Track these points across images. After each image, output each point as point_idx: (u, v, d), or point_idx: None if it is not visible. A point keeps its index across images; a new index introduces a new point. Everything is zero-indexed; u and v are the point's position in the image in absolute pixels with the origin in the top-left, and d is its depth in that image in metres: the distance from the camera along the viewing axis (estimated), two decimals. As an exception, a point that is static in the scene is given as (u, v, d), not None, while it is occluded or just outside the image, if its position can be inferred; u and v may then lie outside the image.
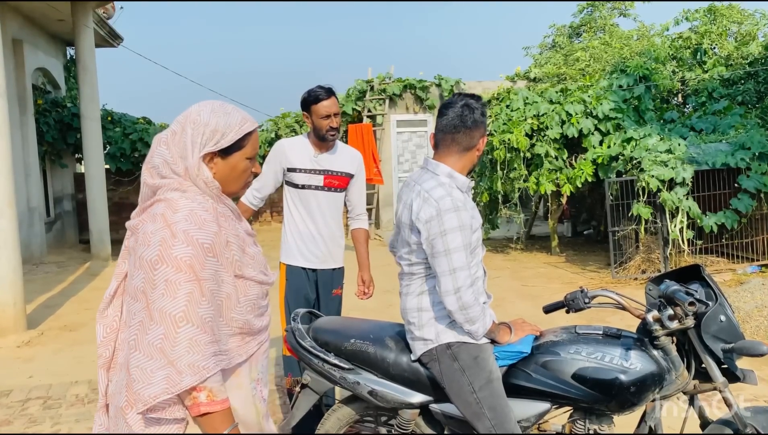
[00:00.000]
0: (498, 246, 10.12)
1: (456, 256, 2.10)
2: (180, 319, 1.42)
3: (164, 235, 1.47)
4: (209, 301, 1.48)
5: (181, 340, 1.42)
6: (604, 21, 15.83)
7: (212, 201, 1.59)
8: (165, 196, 1.55)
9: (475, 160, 2.31)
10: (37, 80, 11.03)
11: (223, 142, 1.58)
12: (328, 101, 3.13)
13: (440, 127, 2.26)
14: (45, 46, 11.23)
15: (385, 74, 12.48)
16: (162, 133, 1.62)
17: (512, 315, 6.18)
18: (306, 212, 3.21)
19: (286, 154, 3.20)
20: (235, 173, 1.64)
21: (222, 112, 1.60)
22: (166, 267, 1.44)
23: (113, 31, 12.77)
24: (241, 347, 1.62)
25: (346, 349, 2.39)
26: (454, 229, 2.10)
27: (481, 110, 2.24)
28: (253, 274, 1.64)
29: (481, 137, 2.27)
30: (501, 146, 8.30)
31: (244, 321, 1.60)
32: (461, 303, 2.11)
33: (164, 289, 1.43)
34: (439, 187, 2.18)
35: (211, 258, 1.50)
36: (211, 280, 1.49)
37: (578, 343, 2.24)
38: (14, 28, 9.65)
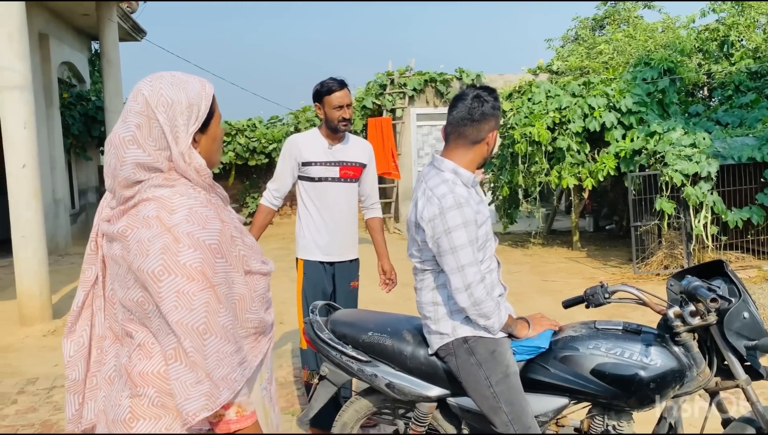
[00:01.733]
0: (518, 240, 10.06)
1: (463, 253, 2.10)
2: (203, 332, 1.29)
3: (165, 241, 1.29)
4: (226, 308, 1.34)
5: (209, 353, 1.29)
6: (628, 13, 15.60)
7: (204, 192, 1.43)
8: (152, 195, 1.36)
9: (485, 154, 2.28)
10: (63, 74, 11.20)
11: (201, 115, 1.41)
12: (341, 92, 3.15)
13: (449, 120, 2.24)
14: (70, 40, 11.39)
15: (405, 67, 12.44)
16: (120, 133, 1.37)
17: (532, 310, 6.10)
18: (323, 205, 3.23)
19: (300, 149, 3.21)
20: (216, 144, 1.50)
21: (182, 82, 1.41)
22: (174, 277, 1.28)
23: (137, 25, 12.90)
24: (255, 348, 1.50)
25: (364, 342, 2.40)
26: (458, 226, 2.09)
27: (492, 103, 2.21)
28: (258, 266, 1.51)
29: (491, 131, 2.23)
30: (522, 140, 8.23)
31: (259, 320, 1.49)
32: (473, 299, 2.11)
33: (176, 300, 1.28)
34: (443, 184, 2.16)
35: (220, 259, 1.35)
36: (223, 284, 1.35)
37: (597, 338, 2.22)
38: (41, 23, 9.79)
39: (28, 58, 5.66)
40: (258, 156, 12.32)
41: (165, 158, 1.38)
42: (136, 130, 1.35)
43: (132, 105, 1.38)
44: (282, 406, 3.81)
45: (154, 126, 1.35)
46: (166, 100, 1.36)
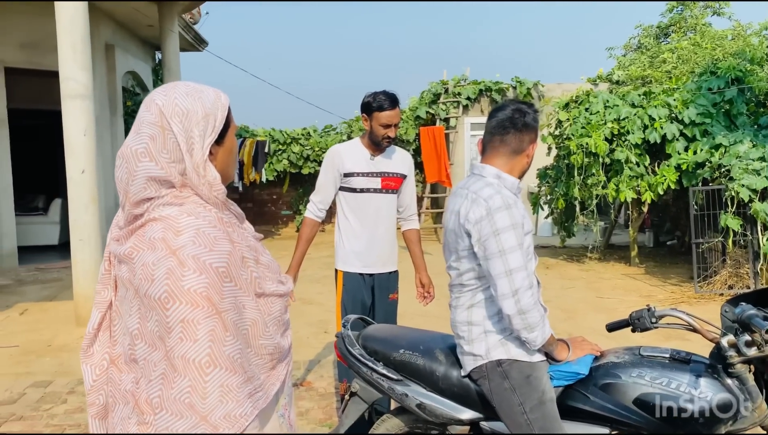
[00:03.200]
0: (574, 255, 9.76)
1: (512, 257, 2.00)
2: (206, 365, 1.21)
3: (170, 266, 1.22)
4: (234, 335, 1.26)
5: (211, 390, 1.21)
6: (696, 20, 15.02)
7: (215, 210, 1.35)
8: (159, 214, 1.30)
9: (525, 166, 2.21)
10: (127, 83, 11.61)
11: (218, 126, 1.35)
12: (391, 112, 3.08)
13: (489, 128, 2.18)
14: (135, 50, 11.81)
15: (460, 76, 12.34)
16: (132, 145, 1.31)
17: (583, 328, 5.95)
18: (363, 216, 3.19)
19: (342, 160, 3.18)
20: (232, 156, 1.44)
21: (196, 92, 1.35)
22: (179, 304, 1.21)
23: (198, 35, 13.28)
24: (272, 376, 1.41)
25: (395, 359, 2.33)
26: (507, 227, 2.00)
27: (533, 116, 2.16)
28: (273, 287, 1.43)
29: (531, 143, 2.17)
30: (578, 151, 7.99)
31: (274, 346, 1.40)
32: (520, 306, 2.00)
33: (181, 331, 1.21)
34: (488, 187, 2.10)
35: (229, 283, 1.27)
36: (231, 310, 1.26)
37: (642, 365, 2.08)
38: (107, 34, 10.19)
39: (90, 68, 5.87)
40: (311, 164, 12.43)
41: (178, 172, 1.31)
42: (149, 142, 1.29)
43: (145, 115, 1.32)
44: (320, 418, 3.78)
45: (168, 137, 1.29)
46: (181, 110, 1.31)
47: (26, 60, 8.40)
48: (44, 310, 6.65)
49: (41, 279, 8.33)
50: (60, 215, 10.65)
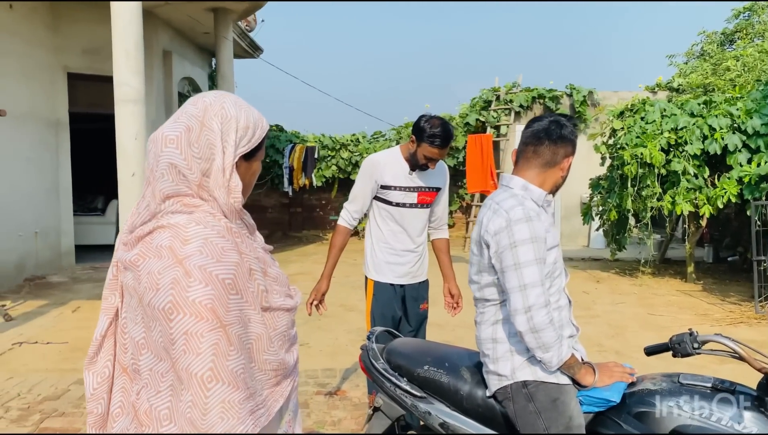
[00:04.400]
0: (627, 268, 9.42)
1: (528, 271, 1.91)
2: (209, 380, 1.18)
3: (176, 275, 1.20)
4: (238, 350, 1.23)
5: (212, 405, 1.18)
6: (764, 26, 14.32)
7: (225, 220, 1.33)
8: (167, 222, 1.28)
9: (558, 181, 2.11)
10: (184, 88, 11.92)
11: (253, 141, 1.36)
12: (440, 151, 2.96)
13: (523, 138, 2.10)
14: (192, 56, 12.12)
15: (512, 83, 12.14)
16: (165, 131, 1.31)
17: (632, 346, 5.70)
18: (399, 229, 3.16)
19: (382, 172, 3.13)
20: (253, 179, 1.43)
21: (244, 105, 1.37)
22: (183, 316, 1.18)
23: (253, 42, 13.53)
24: (276, 392, 1.37)
25: (419, 376, 2.25)
26: (525, 240, 1.92)
27: (570, 129, 2.07)
28: (280, 301, 1.40)
29: (567, 157, 2.08)
30: (632, 161, 7.70)
31: (279, 362, 1.36)
32: (532, 324, 1.91)
33: (185, 344, 1.19)
34: (511, 198, 2.02)
35: (235, 296, 1.24)
36: (237, 323, 1.24)
37: (680, 394, 1.94)
38: (165, 41, 10.49)
39: (143, 73, 6.03)
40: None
41: (200, 171, 1.29)
42: (183, 131, 1.29)
43: (189, 108, 1.33)
44: (352, 428, 3.74)
45: (204, 133, 1.29)
46: (226, 114, 1.32)
47: (87, 66, 8.72)
48: (95, 308, 6.85)
49: (95, 277, 8.60)
50: (116, 216, 11.00)
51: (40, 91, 8.48)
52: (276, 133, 12.30)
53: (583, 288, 8.06)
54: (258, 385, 1.31)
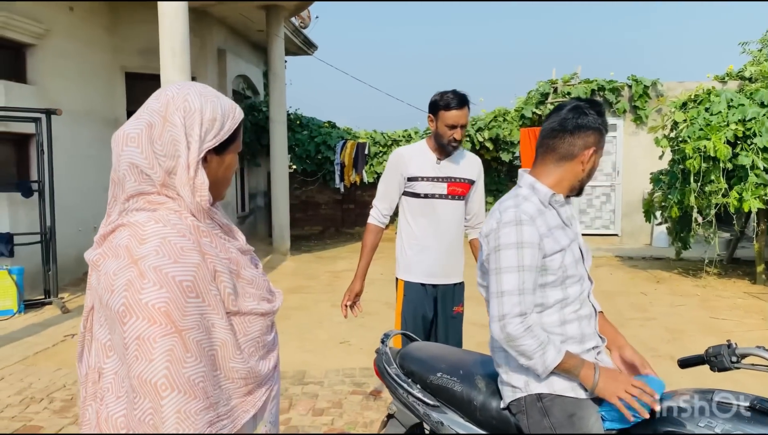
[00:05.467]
0: (690, 268, 8.93)
1: (506, 278, 1.79)
2: (163, 387, 1.11)
3: (130, 277, 1.14)
4: (197, 356, 1.15)
5: (167, 415, 1.11)
6: None
7: (192, 218, 1.25)
8: (128, 220, 1.23)
9: (580, 175, 1.92)
10: (239, 86, 12.12)
11: (222, 134, 1.28)
12: (458, 111, 2.88)
13: (540, 133, 1.93)
14: (246, 54, 12.30)
15: (570, 75, 11.71)
16: (126, 129, 1.25)
17: (689, 352, 5.26)
18: (428, 223, 3.01)
19: (406, 163, 3.01)
20: (228, 173, 1.35)
21: (212, 95, 1.29)
22: (136, 319, 1.12)
23: (307, 39, 13.62)
24: (246, 402, 1.30)
25: (432, 383, 2.13)
26: (509, 245, 1.79)
27: (592, 117, 1.87)
28: (253, 305, 1.32)
29: (587, 148, 1.88)
30: (695, 155, 7.27)
31: (248, 370, 1.28)
32: (506, 333, 1.78)
33: (137, 349, 1.11)
34: (512, 198, 1.89)
35: (194, 299, 1.17)
36: (195, 328, 1.16)
37: (713, 415, 1.74)
38: (220, 40, 10.68)
39: (189, 71, 6.11)
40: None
41: (164, 169, 1.23)
42: (145, 128, 1.23)
43: (151, 103, 1.27)
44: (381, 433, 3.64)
45: (167, 128, 1.23)
46: (189, 107, 1.24)
47: (143, 65, 8.95)
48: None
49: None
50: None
51: (99, 91, 8.77)
52: (328, 130, 12.33)
53: (641, 288, 7.69)
54: (224, 394, 1.24)
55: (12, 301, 6.39)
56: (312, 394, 4.22)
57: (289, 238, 10.28)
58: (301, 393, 4.25)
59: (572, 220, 1.98)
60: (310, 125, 12.41)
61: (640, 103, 11.12)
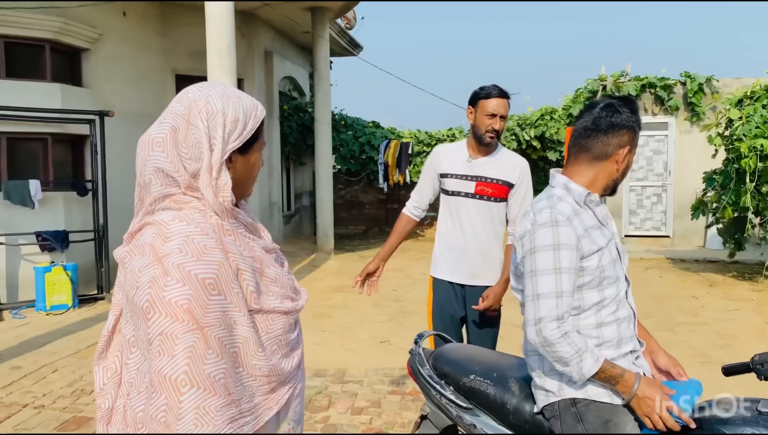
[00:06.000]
0: (746, 272, 8.59)
1: (542, 280, 1.74)
2: (182, 384, 1.12)
3: (154, 274, 1.16)
4: (218, 353, 1.17)
5: (186, 411, 1.12)
6: None
7: (216, 217, 1.27)
8: (154, 219, 1.25)
9: (614, 174, 1.87)
10: (285, 87, 12.28)
11: (245, 134, 1.29)
12: (499, 100, 2.88)
13: (573, 132, 1.88)
14: (293, 56, 12.46)
15: (620, 72, 11.42)
16: (152, 133, 1.27)
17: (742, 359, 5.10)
18: (456, 221, 2.98)
19: (440, 160, 3.03)
20: (253, 172, 1.37)
21: (233, 96, 1.30)
22: (159, 316, 1.14)
23: (353, 40, 13.70)
24: (269, 400, 1.30)
25: (465, 385, 2.11)
26: (546, 247, 1.74)
27: (626, 115, 1.82)
28: (275, 303, 1.32)
29: (622, 147, 1.83)
30: (751, 154, 6.99)
31: (270, 367, 1.28)
32: (542, 338, 1.74)
33: (160, 345, 1.13)
34: (546, 199, 1.85)
35: (216, 296, 1.18)
36: (217, 325, 1.17)
37: (758, 425, 1.66)
38: (267, 42, 10.84)
39: (235, 73, 6.23)
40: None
41: (190, 171, 1.25)
42: (169, 133, 1.25)
43: (174, 106, 1.28)
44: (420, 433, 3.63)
45: (191, 131, 1.24)
46: (211, 109, 1.26)
47: (192, 67, 9.16)
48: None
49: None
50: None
51: (150, 93, 9.03)
52: (372, 130, 12.37)
53: (693, 292, 7.43)
54: (247, 392, 1.25)
55: (67, 296, 6.65)
56: (351, 393, 4.24)
57: (333, 237, 10.37)
58: (340, 391, 4.27)
59: (608, 219, 1.93)
60: (354, 125, 12.47)
61: (696, 100, 10.75)
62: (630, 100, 1.87)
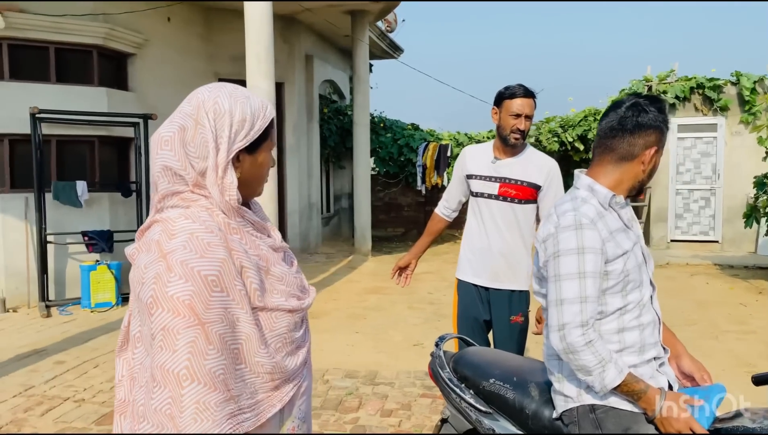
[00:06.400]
0: (799, 278, 8.23)
1: (566, 285, 1.70)
2: (184, 378, 1.14)
3: (159, 270, 1.18)
4: (219, 349, 1.19)
5: (186, 405, 1.14)
6: None
7: (223, 215, 1.29)
8: (162, 216, 1.28)
9: (640, 175, 1.81)
10: (325, 90, 12.39)
11: (252, 134, 1.31)
12: (524, 100, 2.85)
13: (598, 132, 1.84)
14: (334, 59, 12.56)
15: (666, 72, 11.12)
16: (161, 132, 1.29)
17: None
18: (480, 222, 2.97)
19: (466, 161, 3.03)
20: (262, 171, 1.38)
21: (242, 96, 1.32)
22: (162, 311, 1.16)
23: (393, 43, 13.72)
24: (273, 397, 1.31)
25: (485, 389, 2.08)
26: (570, 251, 1.70)
27: (653, 115, 1.76)
28: (280, 301, 1.33)
29: (648, 147, 1.77)
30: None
31: (273, 365, 1.29)
32: (565, 344, 1.70)
33: (162, 339, 1.16)
34: (570, 201, 1.80)
35: (218, 293, 1.20)
36: (219, 321, 1.19)
37: (787, 437, 1.59)
38: (308, 46, 10.96)
39: (273, 77, 6.31)
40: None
41: (198, 170, 1.27)
42: (178, 132, 1.28)
43: (184, 106, 1.32)
44: (448, 436, 3.60)
45: (199, 131, 1.27)
46: (219, 109, 1.28)
47: (235, 71, 9.31)
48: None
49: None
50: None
51: (194, 97, 9.22)
52: (411, 132, 12.35)
53: (740, 299, 7.16)
54: (248, 388, 1.26)
55: (111, 293, 6.85)
56: (382, 395, 4.23)
57: (370, 239, 10.39)
58: (371, 393, 4.28)
59: (633, 221, 1.88)
60: (393, 128, 12.49)
61: (753, 99, 10.37)
62: (657, 99, 1.81)
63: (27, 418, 3.87)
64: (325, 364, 4.88)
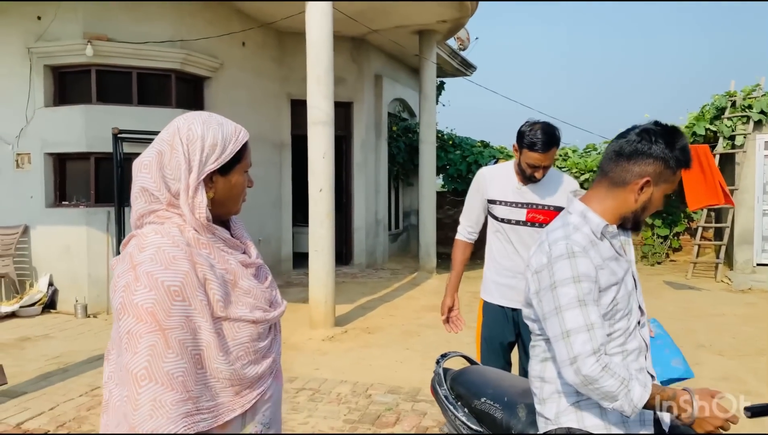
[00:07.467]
0: None
1: (569, 315, 1.66)
2: (142, 378, 1.26)
3: (128, 279, 1.31)
4: (179, 353, 1.29)
5: (143, 402, 1.26)
6: None
7: (194, 232, 1.41)
8: (138, 231, 1.41)
9: (632, 206, 1.75)
10: (395, 109, 12.58)
11: (224, 157, 1.43)
12: (540, 156, 2.76)
13: (602, 155, 1.82)
14: (404, 78, 12.75)
15: (751, 87, 10.52)
16: (141, 157, 1.43)
17: None
18: (506, 246, 2.95)
19: (487, 185, 3.00)
20: (236, 191, 1.50)
21: (215, 122, 1.45)
22: (128, 316, 1.29)
23: (465, 60, 13.77)
24: (234, 402, 1.41)
25: (476, 408, 2.11)
26: (566, 280, 1.67)
27: (658, 146, 1.68)
28: (243, 312, 1.43)
29: (642, 177, 1.71)
30: None
31: (231, 371, 1.39)
32: (581, 377, 1.63)
33: (127, 342, 1.28)
34: (561, 228, 1.77)
35: (180, 302, 1.31)
36: (179, 328, 1.30)
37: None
38: (378, 66, 11.21)
39: (332, 97, 6.52)
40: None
41: (172, 191, 1.41)
42: (156, 157, 1.41)
43: (163, 133, 1.45)
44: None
45: (174, 155, 1.40)
46: (192, 135, 1.42)
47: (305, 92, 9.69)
48: (294, 310, 7.52)
49: (305, 282, 9.45)
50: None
51: (267, 117, 9.65)
52: (479, 149, 12.31)
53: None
54: (209, 391, 1.36)
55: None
56: (420, 412, 4.27)
57: (435, 256, 10.41)
58: (410, 409, 4.32)
59: (626, 245, 1.85)
60: (462, 145, 12.49)
61: None
62: (675, 133, 1.72)
63: (88, 416, 4.19)
64: (371, 378, 4.97)
